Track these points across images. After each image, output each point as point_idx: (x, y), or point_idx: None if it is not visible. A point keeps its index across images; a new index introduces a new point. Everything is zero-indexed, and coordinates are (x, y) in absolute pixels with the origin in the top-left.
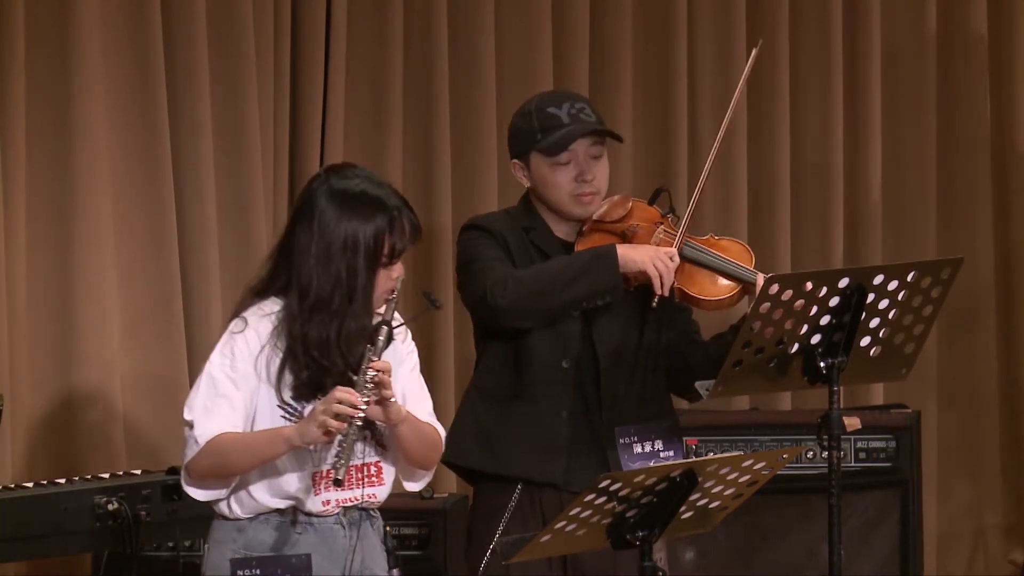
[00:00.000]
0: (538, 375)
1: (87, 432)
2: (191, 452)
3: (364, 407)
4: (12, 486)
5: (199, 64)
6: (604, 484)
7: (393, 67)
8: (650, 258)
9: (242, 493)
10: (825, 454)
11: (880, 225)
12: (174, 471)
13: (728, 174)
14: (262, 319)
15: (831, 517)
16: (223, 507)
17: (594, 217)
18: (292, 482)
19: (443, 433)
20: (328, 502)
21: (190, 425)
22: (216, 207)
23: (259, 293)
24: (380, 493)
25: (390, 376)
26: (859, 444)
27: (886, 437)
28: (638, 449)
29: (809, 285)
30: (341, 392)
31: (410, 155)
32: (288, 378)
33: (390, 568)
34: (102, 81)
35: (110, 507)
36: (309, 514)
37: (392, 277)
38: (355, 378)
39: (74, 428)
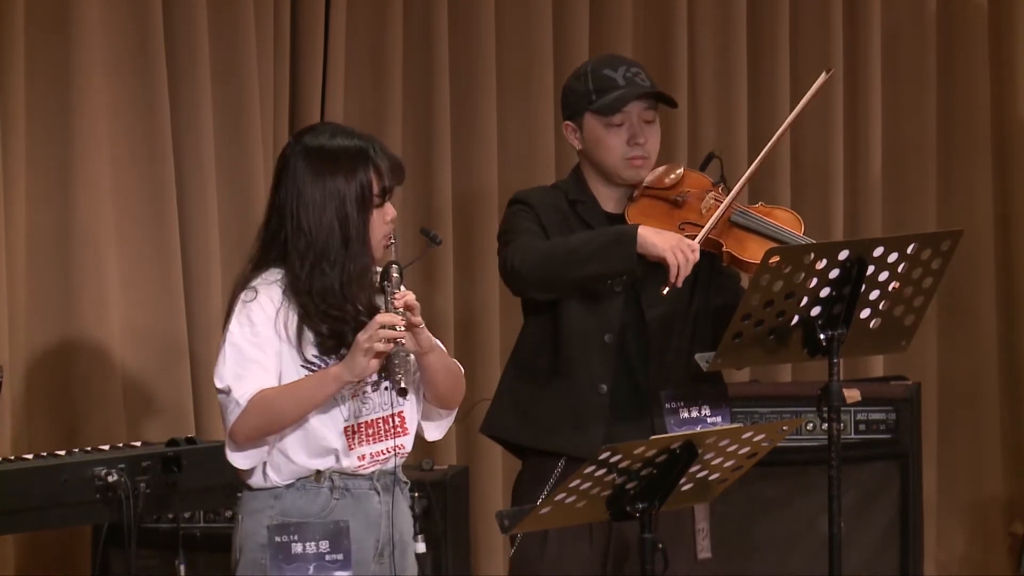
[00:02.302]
0: (577, 350)
1: (87, 396)
2: (233, 415)
3: (403, 326)
4: (12, 458)
5: (199, 34)
6: (604, 456)
7: (392, 41)
8: (671, 247)
9: (279, 459)
10: (825, 426)
11: (880, 198)
12: (174, 443)
13: (728, 147)
14: (270, 285)
15: (831, 489)
16: (258, 477)
17: (645, 183)
18: (327, 439)
19: (463, 370)
20: (363, 457)
21: (226, 392)
22: (215, 166)
23: (258, 266)
24: (407, 443)
25: (416, 303)
26: (859, 416)
27: (886, 409)
28: (684, 414)
29: (810, 257)
30: (381, 316)
31: (409, 133)
32: (308, 336)
33: (415, 533)
34: (101, 44)
35: (110, 479)
36: (344, 475)
37: (386, 220)
38: (386, 309)
39: (73, 392)
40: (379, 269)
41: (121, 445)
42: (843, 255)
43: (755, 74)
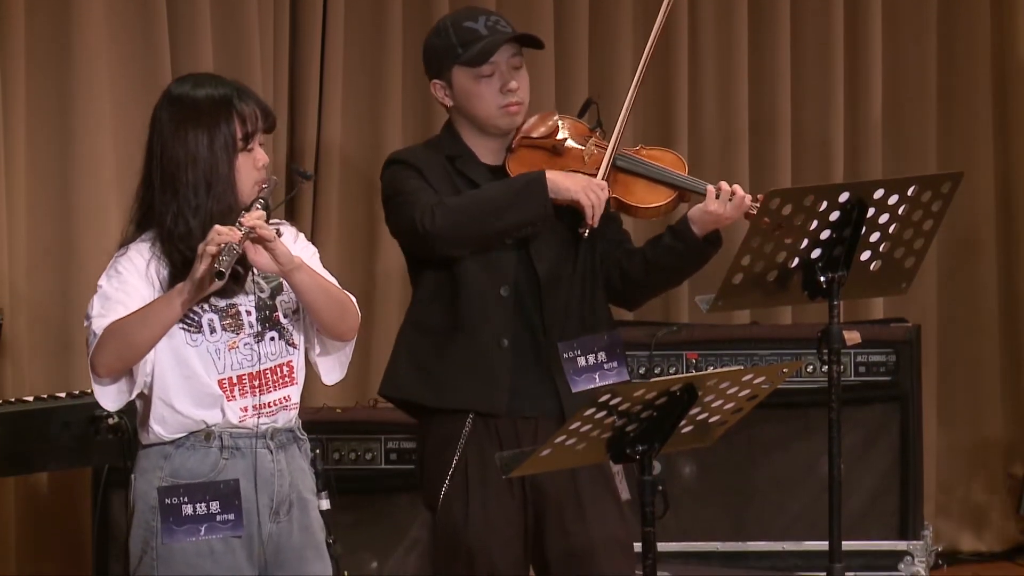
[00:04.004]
0: (475, 305)
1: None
2: (91, 347)
3: (242, 230)
4: (12, 400)
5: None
6: (604, 399)
7: (392, 16)
8: (582, 187)
9: (163, 410)
10: (825, 368)
11: (880, 141)
12: None
13: (730, 90)
14: (140, 243)
15: (831, 431)
16: (146, 433)
17: (521, 132)
18: (211, 386)
19: (355, 300)
20: (248, 408)
21: (87, 329)
22: None
23: (140, 225)
24: (294, 394)
25: (265, 222)
26: (859, 358)
27: (886, 351)
28: (582, 362)
29: (809, 199)
30: (216, 226)
31: (409, 107)
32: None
33: (319, 491)
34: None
35: (110, 421)
36: (235, 434)
37: (257, 166)
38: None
39: (73, 335)
40: None
41: None
42: (843, 197)
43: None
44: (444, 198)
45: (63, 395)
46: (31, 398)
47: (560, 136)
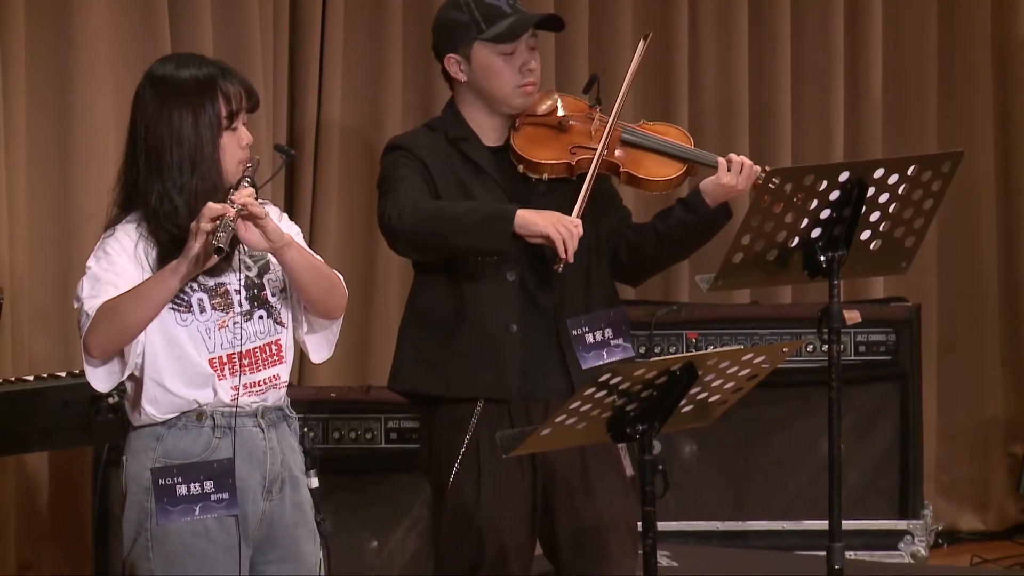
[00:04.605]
0: (482, 293)
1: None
2: (84, 327)
3: (234, 208)
4: (12, 379)
5: None
6: (605, 378)
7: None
8: (552, 224)
9: (155, 390)
10: (825, 347)
11: (880, 120)
12: None
13: (730, 70)
14: (126, 224)
15: (831, 410)
16: (138, 414)
17: (524, 111)
18: (202, 365)
19: (342, 278)
20: (236, 387)
21: (79, 310)
22: None
23: (124, 207)
24: (283, 372)
25: (255, 199)
26: (859, 337)
27: (886, 330)
28: (590, 339)
29: (810, 179)
30: (210, 204)
31: (409, 86)
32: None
33: (307, 468)
34: None
35: (110, 400)
36: (226, 413)
37: (242, 145)
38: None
39: (74, 321)
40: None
41: None
42: (843, 177)
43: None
44: (420, 199)
45: (63, 374)
46: (31, 377)
47: (561, 113)
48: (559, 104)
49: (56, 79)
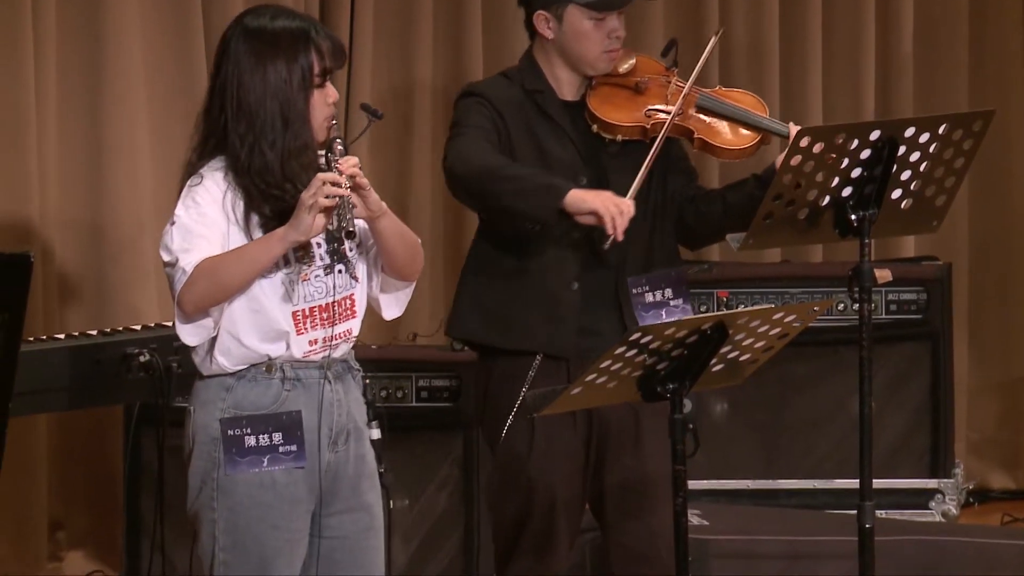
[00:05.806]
0: (546, 248)
1: (117, 277)
2: (180, 283)
3: (346, 184)
4: (44, 337)
5: None
6: (635, 337)
7: None
8: (602, 202)
9: (228, 342)
10: (856, 306)
11: (911, 78)
12: None
13: (759, 28)
14: (215, 171)
15: (861, 369)
16: (209, 364)
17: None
18: (278, 320)
19: (420, 241)
20: (315, 341)
21: (171, 264)
22: None
23: (202, 154)
24: (355, 327)
25: (360, 168)
26: (890, 296)
27: (917, 289)
28: (649, 298)
29: (841, 138)
30: (323, 174)
31: (440, 45)
32: (255, 219)
33: (369, 420)
34: None
35: (142, 359)
36: (295, 365)
37: (328, 102)
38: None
39: (104, 273)
40: (322, 152)
41: (152, 325)
42: (874, 135)
43: None
44: (485, 149)
45: (94, 332)
46: (62, 336)
47: (639, 75)
48: (637, 66)
49: (86, 38)
